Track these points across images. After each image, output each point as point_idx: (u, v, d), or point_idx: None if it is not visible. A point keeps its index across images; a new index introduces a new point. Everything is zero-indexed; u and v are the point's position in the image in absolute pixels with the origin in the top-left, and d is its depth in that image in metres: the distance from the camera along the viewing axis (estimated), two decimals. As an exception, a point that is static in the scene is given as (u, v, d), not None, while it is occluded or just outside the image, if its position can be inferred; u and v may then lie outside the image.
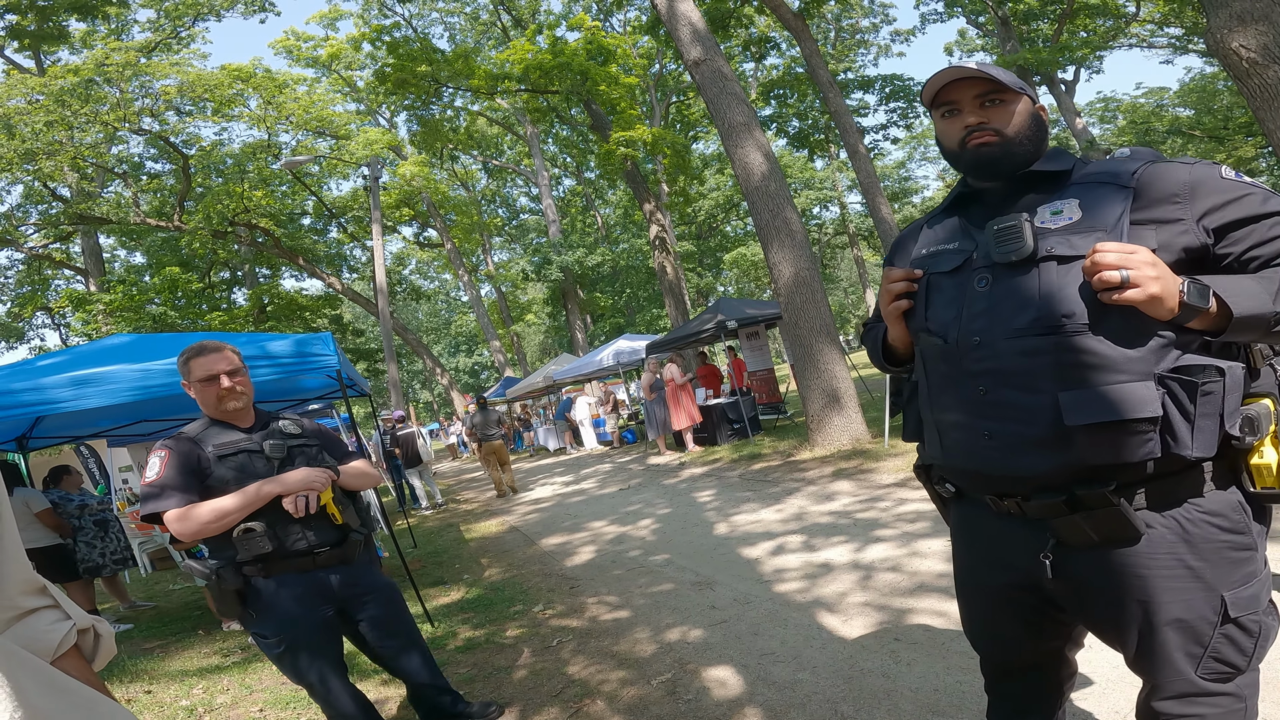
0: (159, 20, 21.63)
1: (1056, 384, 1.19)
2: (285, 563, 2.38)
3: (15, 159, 17.43)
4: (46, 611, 1.01)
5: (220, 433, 2.42)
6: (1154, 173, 1.21)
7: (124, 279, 22.14)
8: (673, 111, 29.12)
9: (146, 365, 4.36)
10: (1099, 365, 1.16)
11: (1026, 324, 1.22)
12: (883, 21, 32.53)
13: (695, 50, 9.62)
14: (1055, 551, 1.26)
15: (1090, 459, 1.17)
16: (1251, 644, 1.20)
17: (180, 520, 2.25)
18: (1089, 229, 1.20)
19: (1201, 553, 1.18)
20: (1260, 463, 1.15)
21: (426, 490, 12.00)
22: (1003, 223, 1.26)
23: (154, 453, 2.35)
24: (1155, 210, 1.18)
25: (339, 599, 2.50)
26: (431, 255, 36.45)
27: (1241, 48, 5.90)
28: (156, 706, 3.82)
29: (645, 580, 4.86)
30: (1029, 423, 1.22)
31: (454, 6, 30.32)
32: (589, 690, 3.17)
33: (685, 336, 13.16)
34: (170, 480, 2.28)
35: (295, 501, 2.35)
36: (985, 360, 1.27)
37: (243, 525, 2.31)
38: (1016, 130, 1.31)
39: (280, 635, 2.36)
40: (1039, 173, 1.33)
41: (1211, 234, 1.17)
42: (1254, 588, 1.20)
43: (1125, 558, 1.21)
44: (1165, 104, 31.32)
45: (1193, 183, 1.18)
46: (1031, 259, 1.23)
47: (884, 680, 2.76)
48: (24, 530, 5.73)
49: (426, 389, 56.01)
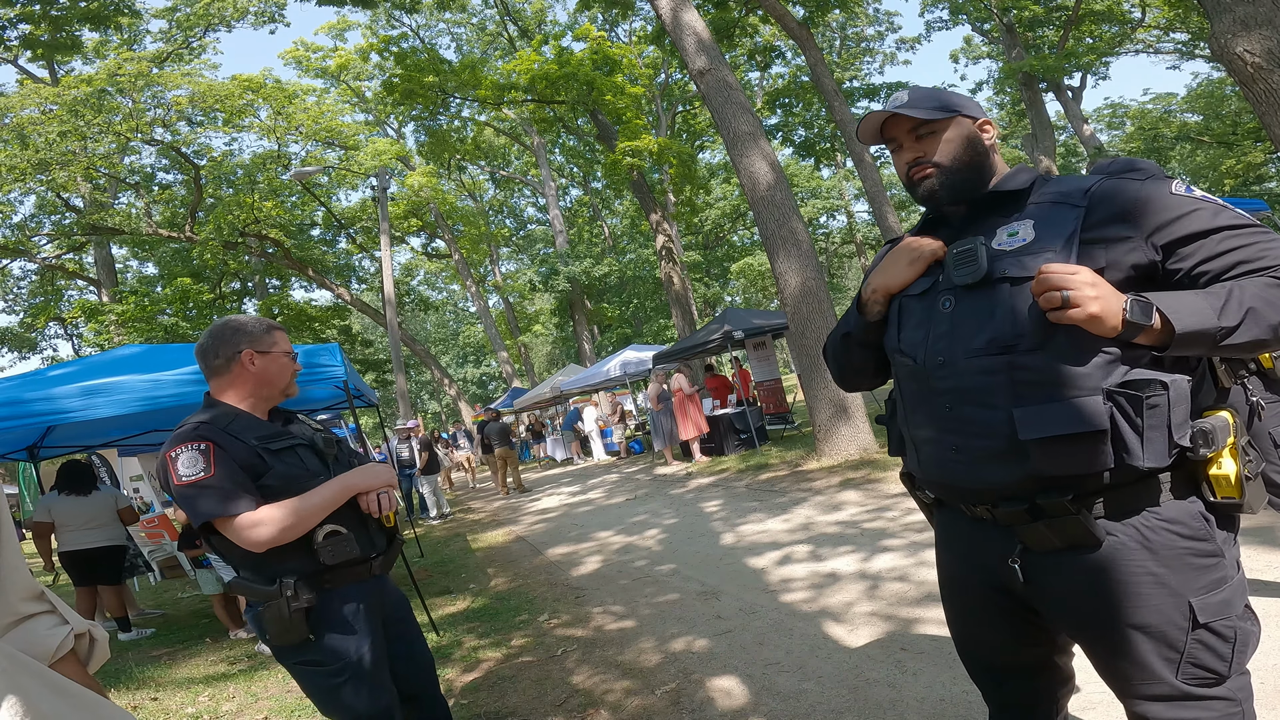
0: (170, 31, 21.89)
1: (1011, 400, 1.24)
2: (349, 571, 1.99)
3: (29, 169, 17.64)
4: (44, 616, 1.02)
5: (254, 424, 2.02)
6: (1105, 191, 1.24)
7: (136, 290, 22.32)
8: (678, 121, 29.24)
9: (157, 376, 4.41)
10: (1049, 382, 1.21)
11: (983, 344, 1.27)
12: (888, 30, 32.60)
13: (700, 60, 9.67)
14: (1024, 556, 1.30)
15: (1046, 470, 1.21)
16: (1229, 649, 1.21)
17: (258, 524, 1.84)
18: (1040, 250, 1.24)
19: (1163, 559, 1.20)
20: (1219, 473, 1.17)
21: (434, 500, 12.03)
22: (960, 246, 1.32)
23: (184, 446, 1.86)
24: (1105, 229, 1.22)
25: (385, 611, 2.13)
26: (439, 266, 36.58)
27: (1246, 53, 5.90)
28: (163, 713, 3.83)
29: (651, 590, 4.85)
30: (989, 437, 1.27)
31: (461, 18, 30.58)
32: (594, 700, 3.16)
33: (692, 347, 13.16)
34: (228, 477, 1.86)
35: (378, 499, 2.03)
36: (949, 379, 1.32)
37: (328, 528, 1.93)
38: (952, 159, 1.36)
39: (343, 661, 1.94)
40: (999, 193, 1.36)
41: (1160, 250, 1.19)
42: (1224, 594, 1.21)
43: (1090, 564, 1.24)
44: (1173, 110, 31.28)
45: (1142, 200, 1.21)
46: (987, 281, 1.28)
47: (890, 690, 2.75)
48: (102, 528, 5.87)
49: (435, 399, 56.13)
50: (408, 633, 2.21)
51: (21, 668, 0.87)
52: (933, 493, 1.48)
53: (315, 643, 1.93)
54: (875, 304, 1.51)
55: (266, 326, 2.13)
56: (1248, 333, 1.10)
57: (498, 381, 50.12)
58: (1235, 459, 1.17)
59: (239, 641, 5.20)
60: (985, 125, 1.40)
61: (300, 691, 3.83)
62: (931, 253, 1.40)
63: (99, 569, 5.86)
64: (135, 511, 6.31)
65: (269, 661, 4.52)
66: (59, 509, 5.75)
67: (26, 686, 0.84)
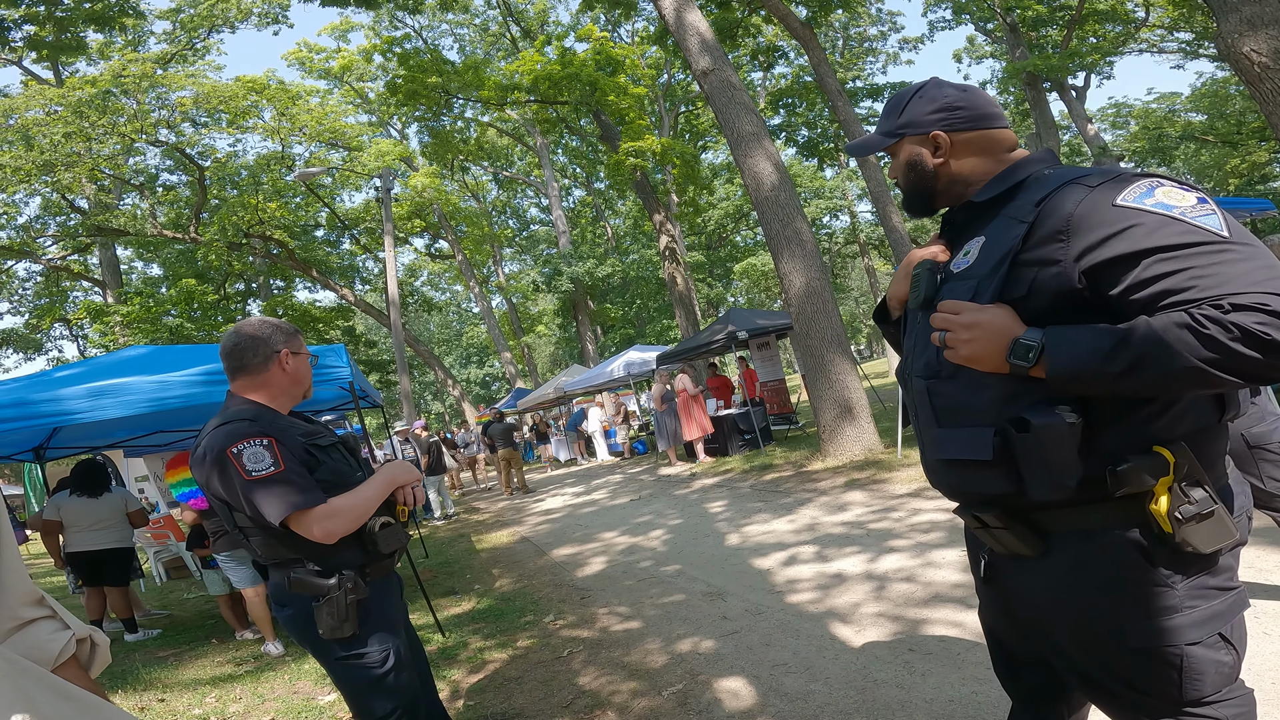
0: (174, 32, 21.97)
1: (933, 422, 1.32)
2: (381, 565, 2.07)
3: (34, 170, 17.70)
4: (46, 621, 1.02)
5: (293, 423, 2.07)
6: (1050, 204, 1.14)
7: (141, 291, 22.38)
8: (681, 121, 29.24)
9: (164, 377, 4.42)
10: (955, 409, 1.27)
11: (921, 367, 1.35)
12: (890, 29, 32.58)
13: (704, 60, 9.67)
14: (988, 555, 1.38)
15: (958, 488, 1.30)
16: (1175, 675, 1.14)
17: (330, 517, 1.88)
18: (970, 275, 1.24)
19: (1096, 583, 1.18)
20: (1155, 508, 1.10)
21: (439, 500, 12.05)
22: (916, 270, 1.37)
23: (248, 443, 1.87)
24: (1041, 249, 1.13)
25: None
26: (443, 267, 36.66)
27: (1253, 52, 5.89)
28: (170, 715, 3.84)
29: (656, 591, 4.84)
30: (931, 451, 1.35)
31: (463, 18, 30.64)
32: (600, 701, 3.16)
33: (696, 347, 13.15)
34: (298, 470, 1.89)
35: (413, 493, 2.15)
36: (910, 392, 1.42)
37: (381, 519, 2.02)
38: (901, 181, 1.43)
39: (386, 651, 2.01)
40: (973, 204, 1.33)
41: (1086, 276, 1.08)
42: (1169, 621, 1.13)
43: (1031, 574, 1.27)
44: (1177, 109, 31.20)
45: (1077, 216, 1.09)
46: (929, 306, 1.30)
47: (898, 691, 2.74)
48: (109, 530, 5.88)
49: (438, 400, 56.20)
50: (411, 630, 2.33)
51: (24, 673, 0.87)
52: None
53: (361, 635, 1.97)
54: (894, 310, 1.57)
55: (294, 329, 2.20)
56: (1138, 380, 1.01)
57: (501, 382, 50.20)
58: (1166, 496, 1.09)
59: (245, 642, 5.21)
60: (937, 137, 1.34)
61: (306, 693, 3.85)
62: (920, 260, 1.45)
63: (105, 570, 5.88)
64: (145, 514, 6.31)
65: (275, 662, 4.53)
66: (67, 509, 5.76)
67: (30, 691, 0.85)
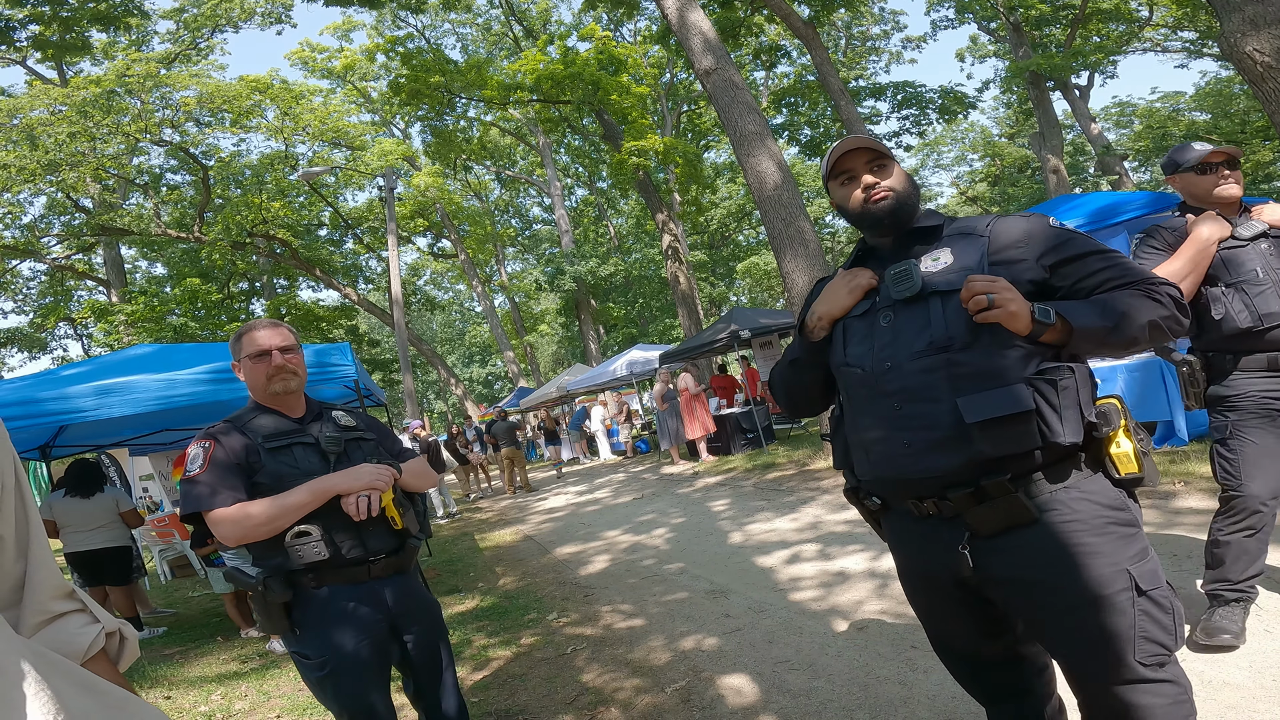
0: (178, 31, 21.97)
1: (952, 392, 1.44)
2: (339, 572, 2.04)
3: (39, 170, 17.73)
4: (76, 615, 1.03)
5: (269, 421, 2.11)
6: (1000, 226, 1.55)
7: (145, 290, 22.43)
8: (684, 121, 29.19)
9: (170, 375, 4.44)
10: (981, 374, 1.43)
11: (923, 347, 1.49)
12: (893, 29, 32.40)
13: (706, 60, 9.67)
14: (971, 542, 1.46)
15: (987, 451, 1.39)
16: (1170, 620, 1.37)
17: (231, 521, 1.93)
18: (960, 269, 1.51)
19: (1093, 528, 1.38)
20: (1118, 452, 1.41)
21: (441, 499, 12.06)
22: (897, 268, 1.56)
23: (196, 443, 2.02)
24: (1004, 254, 1.51)
25: (392, 614, 2.13)
26: (446, 266, 36.65)
27: (1256, 51, 5.88)
28: (176, 712, 3.86)
29: (660, 589, 4.86)
30: (935, 428, 1.46)
31: (466, 18, 30.60)
32: (603, 698, 3.18)
33: (698, 347, 13.16)
34: (217, 475, 1.97)
35: (357, 502, 2.01)
36: (896, 381, 1.52)
37: (297, 528, 1.98)
38: (902, 186, 1.61)
39: (325, 657, 2.00)
40: (919, 229, 1.62)
41: (1049, 270, 1.49)
42: (1150, 564, 1.38)
43: (1031, 542, 1.41)
44: (1181, 108, 31.09)
45: (1031, 232, 1.52)
46: (921, 295, 1.52)
47: (900, 688, 2.76)
48: (104, 529, 5.88)
49: (441, 399, 56.23)
50: (427, 637, 2.20)
51: (52, 667, 0.88)
52: (882, 495, 1.62)
53: (300, 636, 2.03)
54: (820, 329, 1.69)
55: (237, 335, 2.20)
56: (1120, 335, 1.40)
57: (504, 381, 50.18)
58: (1130, 438, 1.41)
59: (251, 640, 5.23)
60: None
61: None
62: (867, 281, 1.62)
63: (105, 570, 5.88)
64: (139, 514, 6.30)
65: (281, 660, 4.55)
66: (60, 509, 5.75)
67: (57, 686, 0.86)
